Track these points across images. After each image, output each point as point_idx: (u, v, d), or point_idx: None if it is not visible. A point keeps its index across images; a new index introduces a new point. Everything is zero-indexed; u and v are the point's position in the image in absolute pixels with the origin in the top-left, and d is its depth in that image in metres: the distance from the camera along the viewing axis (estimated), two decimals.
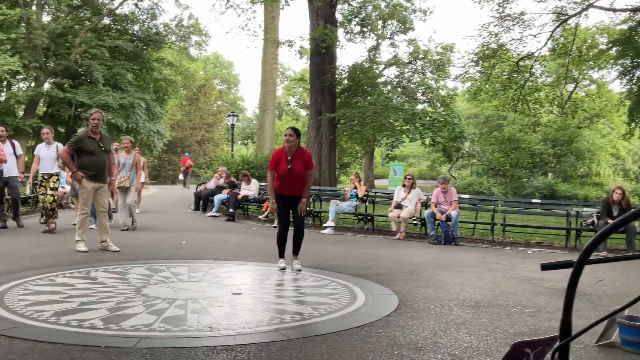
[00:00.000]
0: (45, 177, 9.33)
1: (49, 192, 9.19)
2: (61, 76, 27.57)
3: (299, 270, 6.24)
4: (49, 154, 9.41)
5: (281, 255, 6.51)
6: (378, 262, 7.26)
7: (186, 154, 35.44)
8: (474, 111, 34.54)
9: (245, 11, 42.03)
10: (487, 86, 19.12)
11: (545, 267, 1.18)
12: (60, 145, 9.44)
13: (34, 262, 6.16)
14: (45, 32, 25.66)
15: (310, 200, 12.38)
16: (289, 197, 6.37)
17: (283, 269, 6.33)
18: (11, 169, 9.58)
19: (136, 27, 29.13)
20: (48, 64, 27.27)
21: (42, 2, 26.70)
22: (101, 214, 7.46)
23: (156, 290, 4.92)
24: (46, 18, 28.49)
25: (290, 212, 6.48)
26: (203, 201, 14.55)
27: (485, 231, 11.03)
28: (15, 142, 9.97)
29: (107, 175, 7.50)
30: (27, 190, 12.08)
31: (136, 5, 28.52)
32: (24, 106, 28.34)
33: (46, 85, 27.73)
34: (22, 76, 27.76)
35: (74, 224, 8.84)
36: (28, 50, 25.62)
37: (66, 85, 26.77)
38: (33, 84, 28.20)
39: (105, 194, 7.52)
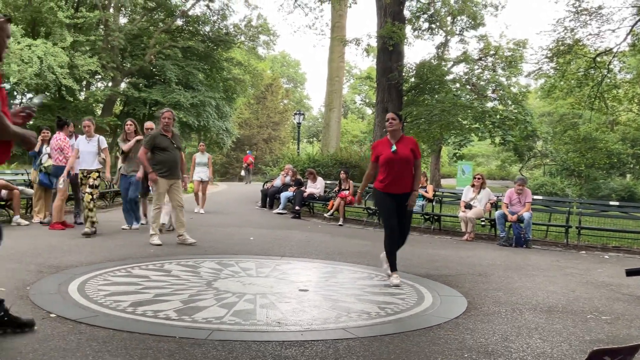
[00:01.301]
0: (85, 173, 8.62)
1: (88, 189, 8.35)
2: (136, 76, 28.78)
3: (397, 285, 5.34)
4: (89, 148, 8.62)
5: (393, 267, 5.50)
6: (445, 263, 7.13)
7: (248, 151, 36.23)
8: (548, 109, 33.28)
9: (312, 10, 42.19)
10: (562, 83, 18.33)
11: (630, 272, 1.13)
12: (102, 139, 8.81)
13: (111, 254, 6.45)
14: (122, 34, 26.84)
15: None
16: (396, 196, 5.44)
17: (397, 285, 5.33)
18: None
19: (207, 28, 29.96)
20: (124, 65, 28.52)
21: (119, 5, 27.91)
22: (178, 208, 7.74)
23: (226, 284, 5.04)
24: (123, 20, 29.80)
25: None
26: (270, 198, 14.78)
27: (559, 234, 10.60)
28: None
29: (179, 171, 7.76)
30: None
31: (207, 6, 29.34)
32: (101, 105, 29.80)
33: (122, 85, 29.03)
34: (100, 76, 29.21)
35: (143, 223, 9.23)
36: (106, 52, 26.90)
37: (141, 84, 27.91)
38: (110, 84, 29.61)
39: (180, 190, 7.78)
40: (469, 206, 10.49)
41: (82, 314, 3.79)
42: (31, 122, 8.04)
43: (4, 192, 9.16)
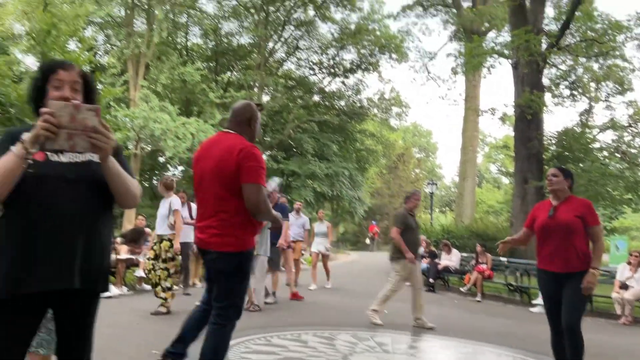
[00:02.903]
0: (157, 240, 7.20)
1: (161, 264, 6.98)
2: (276, 149, 30.58)
3: None
4: (160, 210, 7.34)
5: None
6: (601, 350, 6.43)
7: (372, 221, 36.34)
8: None
9: (445, 82, 42.61)
10: None
11: None
12: (174, 200, 7.29)
13: (251, 321, 6.69)
14: (264, 111, 28.91)
15: (518, 274, 11.61)
16: (558, 275, 4.14)
17: None
18: (186, 235, 8.25)
19: (342, 102, 31.29)
20: (266, 139, 30.50)
21: (263, 85, 30.24)
22: (418, 290, 7.48)
23: (362, 359, 4.97)
24: (265, 98, 32.16)
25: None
26: None
27: None
28: (193, 205, 8.43)
29: (418, 250, 7.58)
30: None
31: (343, 82, 30.76)
32: None
33: (263, 157, 30.95)
34: None
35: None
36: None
37: (279, 156, 29.56)
38: None
39: (419, 270, 7.68)
40: (624, 286, 9.50)
41: None
42: None
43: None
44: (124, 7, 26.11)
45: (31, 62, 24.92)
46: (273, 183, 3.93)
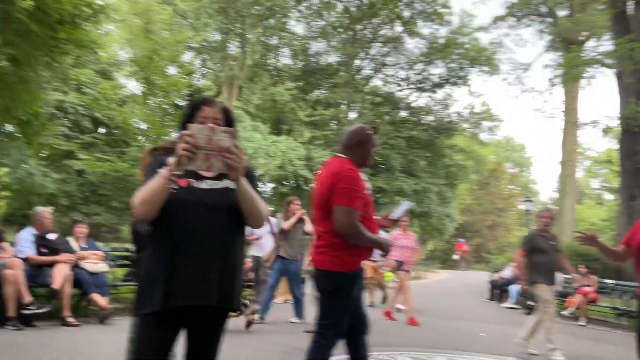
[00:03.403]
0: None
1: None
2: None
3: None
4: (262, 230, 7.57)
5: None
6: None
7: (460, 239, 35.23)
8: None
9: (541, 94, 40.97)
10: None
11: None
12: (273, 221, 7.85)
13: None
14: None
15: (626, 297, 10.81)
16: None
17: None
18: (262, 249, 8.25)
19: (430, 117, 30.82)
20: None
21: (350, 102, 30.44)
22: (542, 319, 6.73)
23: None
24: (352, 115, 32.34)
25: None
26: (498, 290, 13.97)
27: None
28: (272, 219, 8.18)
29: (554, 275, 6.81)
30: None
31: (431, 97, 30.35)
32: None
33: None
34: None
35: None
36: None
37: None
38: None
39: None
40: None
41: None
42: None
43: (251, 274, 10.14)
44: (218, 32, 27.31)
45: (134, 87, 26.70)
46: (403, 207, 3.81)
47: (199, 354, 2.24)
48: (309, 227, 7.66)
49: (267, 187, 29.43)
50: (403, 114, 31.51)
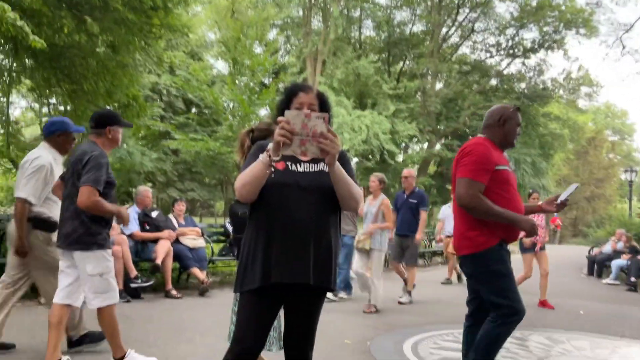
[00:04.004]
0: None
1: None
2: (450, 137, 29.82)
3: None
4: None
5: None
6: None
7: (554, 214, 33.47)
8: None
9: None
10: None
11: None
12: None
13: (438, 316, 6.60)
14: (438, 99, 28.34)
15: None
16: None
17: None
18: None
19: (523, 85, 29.44)
20: (439, 127, 29.88)
21: (436, 73, 29.62)
22: None
23: None
24: (438, 85, 31.49)
25: None
26: (598, 266, 13.27)
27: None
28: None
29: None
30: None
31: (523, 63, 28.92)
32: (417, 166, 31.66)
33: (437, 147, 30.40)
34: (417, 139, 31.20)
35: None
36: (423, 116, 28.69)
37: (455, 145, 28.77)
38: (426, 146, 31.30)
39: None
40: None
41: None
42: None
43: None
44: (302, 7, 27.36)
45: (222, 67, 27.45)
46: (570, 189, 3.63)
47: (298, 331, 2.33)
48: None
49: (352, 162, 29.52)
50: (493, 82, 30.28)
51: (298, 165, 2.27)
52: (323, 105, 2.35)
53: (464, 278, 9.71)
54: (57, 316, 3.48)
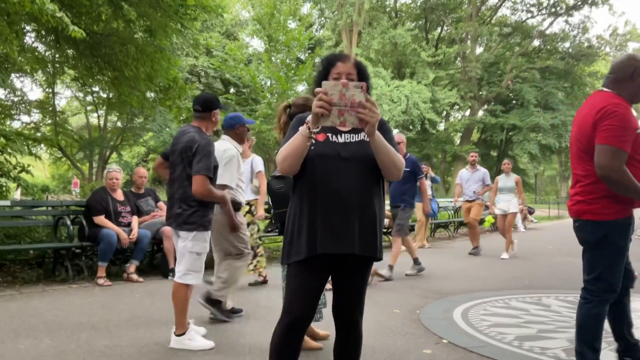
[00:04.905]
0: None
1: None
2: (493, 103, 29.11)
3: None
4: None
5: None
6: None
7: None
8: None
9: None
10: None
11: None
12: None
13: (486, 283, 6.54)
14: (478, 64, 27.62)
15: None
16: None
17: None
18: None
19: (567, 44, 28.45)
20: (481, 93, 29.22)
21: (476, 37, 28.84)
22: None
23: None
24: (479, 50, 30.68)
25: None
26: None
27: None
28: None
29: None
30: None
31: (566, 21, 27.88)
32: (460, 134, 31.10)
33: (480, 113, 29.76)
34: (458, 106, 30.60)
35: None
36: (464, 83, 28.06)
37: (498, 110, 28.10)
38: (468, 113, 30.68)
39: None
40: None
41: (471, 343, 3.90)
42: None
43: (386, 221, 10.30)
44: None
45: (257, 44, 27.44)
46: None
47: (346, 300, 2.34)
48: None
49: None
50: (536, 43, 29.33)
51: (339, 136, 2.26)
52: (361, 74, 2.31)
53: (516, 247, 9.34)
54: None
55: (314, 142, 2.18)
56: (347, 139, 2.26)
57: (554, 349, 3.81)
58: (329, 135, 2.26)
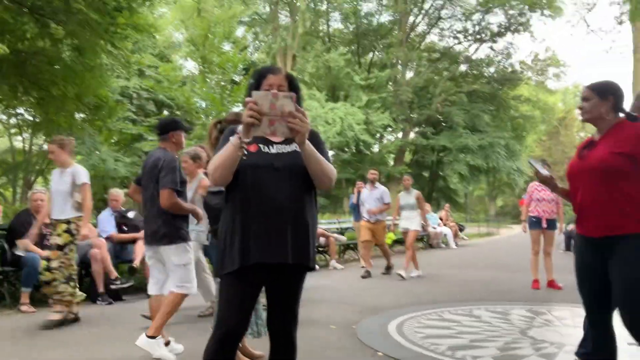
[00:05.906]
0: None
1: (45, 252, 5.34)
2: (424, 125, 30.03)
3: None
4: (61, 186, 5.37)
5: None
6: None
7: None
8: None
9: (607, 33, 38.86)
10: None
11: None
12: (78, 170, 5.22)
13: (419, 298, 6.69)
14: (409, 88, 28.51)
15: None
16: (593, 240, 2.86)
17: None
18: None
19: (492, 69, 29.81)
20: (412, 116, 30.09)
21: (407, 61, 29.80)
22: None
23: (542, 334, 4.72)
24: (409, 74, 31.69)
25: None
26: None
27: None
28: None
29: None
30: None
31: (491, 48, 29.30)
32: (393, 155, 31.83)
33: (412, 135, 30.61)
34: (391, 129, 31.36)
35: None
36: (396, 106, 28.85)
37: (428, 132, 29.00)
38: (400, 135, 31.50)
39: None
40: None
41: (406, 355, 3.97)
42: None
43: (322, 239, 10.37)
44: (268, 3, 27.22)
45: (192, 66, 27.19)
46: (538, 165, 3.21)
47: (280, 310, 2.34)
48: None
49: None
50: (463, 68, 30.60)
51: (270, 147, 2.26)
52: (292, 86, 2.34)
53: (415, 273, 9.13)
54: (155, 307, 3.94)
55: (246, 153, 2.17)
56: (279, 149, 2.27)
57: (484, 357, 3.94)
58: (261, 146, 2.26)
